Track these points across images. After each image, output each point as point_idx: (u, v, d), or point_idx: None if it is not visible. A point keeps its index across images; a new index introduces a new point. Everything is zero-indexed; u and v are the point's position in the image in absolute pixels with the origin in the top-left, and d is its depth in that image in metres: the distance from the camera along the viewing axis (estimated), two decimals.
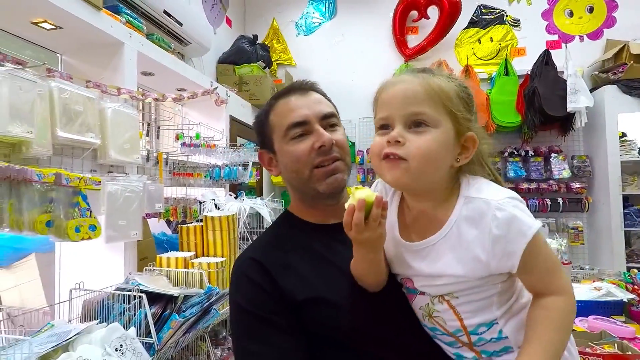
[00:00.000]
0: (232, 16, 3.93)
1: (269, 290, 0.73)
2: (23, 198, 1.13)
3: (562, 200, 3.29)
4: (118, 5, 1.84)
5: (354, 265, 0.72)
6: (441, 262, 0.66)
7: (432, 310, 0.69)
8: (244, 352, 0.72)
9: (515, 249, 0.60)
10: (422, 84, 0.64)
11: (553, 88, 3.18)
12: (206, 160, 2.32)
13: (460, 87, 0.68)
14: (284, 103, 0.82)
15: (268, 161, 0.87)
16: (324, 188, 0.79)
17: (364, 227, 0.62)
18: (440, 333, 0.71)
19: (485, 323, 0.66)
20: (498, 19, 3.73)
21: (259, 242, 0.86)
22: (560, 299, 0.62)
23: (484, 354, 0.69)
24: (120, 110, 1.56)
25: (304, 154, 0.78)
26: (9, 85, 1.14)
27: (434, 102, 0.63)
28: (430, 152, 0.62)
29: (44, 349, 1.02)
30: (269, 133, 0.84)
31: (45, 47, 1.70)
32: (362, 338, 0.71)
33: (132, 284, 1.39)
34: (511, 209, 0.61)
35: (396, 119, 0.64)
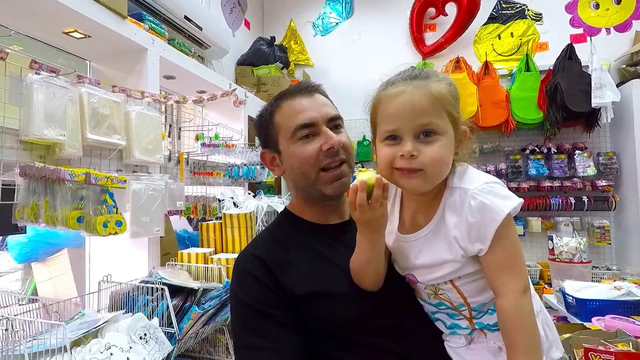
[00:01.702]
0: (250, 18, 4.01)
1: (270, 285, 0.76)
2: (57, 196, 1.22)
3: (587, 198, 3.18)
4: (141, 13, 1.94)
5: (356, 254, 0.75)
6: (434, 250, 0.71)
7: (438, 288, 0.74)
8: (244, 344, 0.74)
9: (487, 234, 0.65)
10: (425, 94, 0.67)
11: (577, 83, 3.08)
12: (225, 160, 2.39)
13: (450, 86, 0.71)
14: (289, 104, 0.84)
15: (270, 161, 0.89)
16: (330, 191, 0.81)
17: (367, 207, 0.66)
18: (445, 307, 0.76)
19: (485, 302, 0.72)
20: (519, 14, 3.64)
21: (260, 239, 0.89)
22: (504, 300, 0.66)
23: (478, 325, 0.74)
24: (144, 112, 1.64)
25: (312, 155, 0.80)
26: (44, 91, 1.23)
27: (438, 110, 0.67)
28: (442, 158, 0.67)
29: (76, 335, 1.10)
30: (273, 133, 0.85)
31: (75, 54, 1.81)
32: (362, 330, 0.74)
33: (156, 278, 1.46)
34: (483, 197, 0.66)
35: (406, 131, 0.67)
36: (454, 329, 0.77)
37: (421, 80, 0.69)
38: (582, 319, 1.46)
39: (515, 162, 3.37)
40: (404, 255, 0.75)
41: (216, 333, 1.70)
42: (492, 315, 0.72)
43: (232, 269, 0.83)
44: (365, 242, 0.72)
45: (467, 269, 0.70)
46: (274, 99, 0.88)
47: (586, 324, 1.37)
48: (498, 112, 3.23)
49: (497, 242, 0.65)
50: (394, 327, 0.76)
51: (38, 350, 1.03)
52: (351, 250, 0.78)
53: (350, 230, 0.84)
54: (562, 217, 3.29)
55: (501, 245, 0.65)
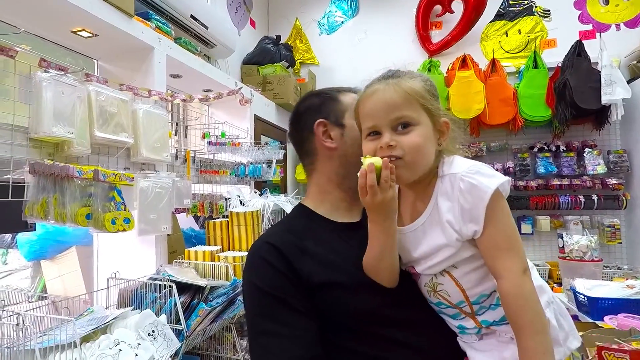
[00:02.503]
0: (256, 18, 4.02)
1: (286, 273, 0.76)
2: (66, 193, 1.22)
3: (597, 197, 3.14)
4: (148, 12, 1.95)
5: (369, 248, 0.75)
6: (430, 237, 0.73)
7: (436, 284, 0.75)
8: (260, 331, 0.74)
9: (478, 213, 0.67)
10: (396, 90, 0.73)
11: (586, 80, 3.04)
12: (231, 158, 2.39)
13: (426, 82, 0.76)
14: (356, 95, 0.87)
15: (324, 133, 0.87)
16: None
17: (377, 189, 0.67)
18: (445, 306, 0.76)
19: (485, 293, 0.73)
20: (527, 11, 3.61)
21: (275, 229, 0.90)
22: (504, 282, 0.67)
23: (484, 323, 0.74)
24: (151, 111, 1.65)
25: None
26: (53, 89, 1.24)
27: (410, 103, 0.72)
28: (419, 145, 0.71)
29: (85, 331, 1.11)
30: (339, 108, 0.88)
31: (83, 54, 1.82)
32: (377, 321, 0.74)
33: (163, 275, 1.47)
34: (470, 177, 0.69)
35: (383, 125, 0.73)
36: (463, 330, 0.77)
37: (393, 78, 0.75)
38: (594, 318, 1.44)
39: (523, 160, 3.34)
40: (404, 248, 0.77)
41: (223, 331, 1.70)
42: (494, 311, 0.72)
43: (246, 258, 0.84)
44: (378, 230, 0.73)
45: (463, 254, 0.71)
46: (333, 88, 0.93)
47: (598, 322, 1.35)
48: (505, 110, 3.20)
49: (490, 222, 0.67)
50: (409, 320, 0.76)
51: (48, 346, 1.04)
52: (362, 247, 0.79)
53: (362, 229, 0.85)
54: (572, 215, 3.25)
55: (495, 226, 0.67)
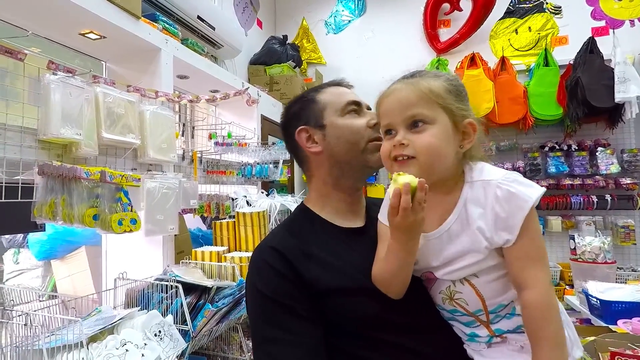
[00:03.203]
0: (262, 18, 4.02)
1: (291, 278, 0.75)
2: (73, 193, 1.23)
3: (611, 197, 3.07)
4: (155, 14, 1.96)
5: (387, 263, 0.72)
6: (456, 243, 0.71)
7: (454, 292, 0.73)
8: (264, 338, 0.73)
9: (514, 224, 0.66)
10: (413, 89, 0.72)
11: (598, 78, 2.97)
12: (238, 159, 2.40)
13: (448, 82, 0.74)
14: (335, 89, 0.91)
15: (307, 138, 0.88)
16: (374, 160, 0.84)
17: (410, 211, 0.64)
18: (460, 314, 0.74)
19: (504, 303, 0.71)
20: (537, 7, 3.54)
21: (277, 232, 0.88)
22: (531, 292, 0.66)
23: (497, 331, 0.72)
24: (158, 112, 1.66)
25: (362, 127, 0.85)
26: (61, 91, 1.25)
27: (426, 102, 0.70)
28: (433, 145, 0.69)
29: (92, 331, 1.12)
30: (317, 108, 0.88)
31: (91, 55, 1.84)
32: (384, 327, 0.73)
33: (170, 275, 1.47)
34: (509, 185, 0.67)
35: (397, 124, 0.72)
36: (473, 338, 0.75)
37: (413, 78, 0.74)
38: (607, 322, 1.40)
39: (533, 160, 3.28)
40: (425, 254, 0.74)
41: (230, 331, 1.70)
42: (510, 320, 0.71)
43: (249, 263, 0.83)
44: (401, 249, 0.69)
45: (488, 262, 0.69)
46: (312, 88, 0.93)
47: (611, 326, 1.32)
48: (515, 109, 3.15)
49: (525, 232, 0.65)
50: (415, 326, 0.75)
51: (56, 346, 1.05)
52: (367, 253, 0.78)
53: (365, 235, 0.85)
54: (584, 216, 3.19)
55: (529, 236, 0.66)
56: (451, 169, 0.72)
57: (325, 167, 0.87)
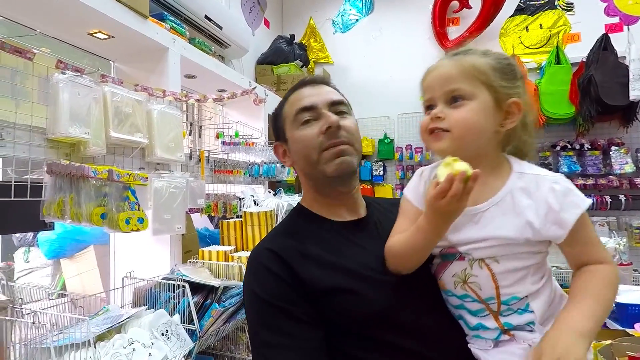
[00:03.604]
0: (270, 17, 4.02)
1: (288, 280, 0.73)
2: (81, 192, 1.24)
3: (625, 197, 3.00)
4: (163, 13, 1.96)
5: (412, 237, 0.71)
6: (491, 226, 0.69)
7: (469, 275, 0.71)
8: (262, 342, 0.72)
9: (568, 219, 0.66)
10: (455, 65, 0.72)
11: (612, 75, 2.91)
12: (245, 158, 2.40)
13: (496, 60, 0.73)
14: (296, 94, 0.87)
15: (282, 153, 0.90)
16: (332, 169, 0.80)
17: (455, 199, 0.63)
18: (470, 300, 0.72)
19: (518, 296, 0.69)
20: (548, 4, 3.48)
21: (273, 233, 0.87)
22: (606, 266, 0.68)
23: (506, 325, 0.70)
24: (166, 111, 1.66)
25: (313, 137, 0.81)
26: (70, 91, 1.25)
27: (467, 78, 0.71)
28: (468, 119, 0.69)
29: (100, 330, 1.12)
30: (281, 124, 0.88)
31: (99, 55, 1.85)
32: (386, 327, 0.71)
33: (177, 275, 1.47)
34: (566, 183, 0.69)
35: (437, 98, 0.73)
36: (479, 331, 0.72)
37: (460, 55, 0.74)
38: (624, 325, 1.36)
39: (545, 159, 3.22)
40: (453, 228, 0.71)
41: (237, 331, 1.70)
42: (521, 316, 0.69)
43: (246, 266, 0.81)
44: (432, 231, 0.68)
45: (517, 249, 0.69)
46: (287, 94, 0.91)
47: (628, 330, 1.28)
48: None
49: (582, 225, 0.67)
50: (419, 325, 0.72)
51: (64, 344, 1.05)
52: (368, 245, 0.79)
53: (373, 223, 0.86)
54: (597, 217, 3.12)
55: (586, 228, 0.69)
56: (487, 147, 0.72)
57: (302, 177, 0.89)
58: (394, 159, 3.70)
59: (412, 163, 3.69)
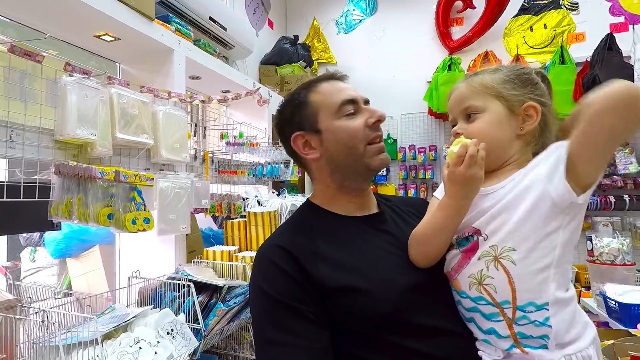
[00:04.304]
0: (273, 18, 4.04)
1: (297, 278, 0.72)
2: (89, 193, 1.26)
3: (629, 197, 2.99)
4: (168, 15, 1.98)
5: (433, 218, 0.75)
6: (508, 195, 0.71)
7: (485, 277, 0.71)
8: (268, 340, 0.71)
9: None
10: (466, 86, 0.81)
11: (617, 75, 2.85)
12: (249, 159, 2.41)
13: (507, 73, 0.79)
14: (327, 85, 0.85)
15: (303, 145, 0.84)
16: (376, 163, 0.82)
17: (474, 161, 0.69)
18: (484, 303, 0.71)
19: (536, 303, 0.67)
20: (553, 4, 3.47)
21: (283, 230, 0.86)
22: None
23: (519, 335, 0.68)
24: (171, 112, 1.67)
25: (360, 129, 0.81)
26: (77, 92, 1.27)
27: (476, 94, 0.78)
28: (483, 129, 0.75)
29: (106, 328, 1.13)
30: (310, 112, 0.83)
31: (106, 57, 1.87)
32: (394, 328, 0.70)
33: (182, 274, 1.49)
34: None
35: (457, 117, 0.81)
36: (490, 335, 0.71)
37: (471, 76, 0.81)
38: (627, 325, 1.36)
39: None
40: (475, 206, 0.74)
41: (241, 330, 1.71)
42: (538, 328, 0.66)
43: (253, 261, 0.80)
44: (453, 206, 0.72)
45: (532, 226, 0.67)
46: (304, 85, 0.87)
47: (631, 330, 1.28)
48: None
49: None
50: (430, 328, 0.71)
51: (72, 342, 1.06)
52: (381, 241, 0.79)
53: (387, 220, 0.86)
54: (601, 217, 3.11)
55: None
56: (509, 152, 0.76)
57: (327, 171, 0.84)
58: (397, 159, 3.71)
59: (415, 163, 3.69)
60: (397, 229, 0.84)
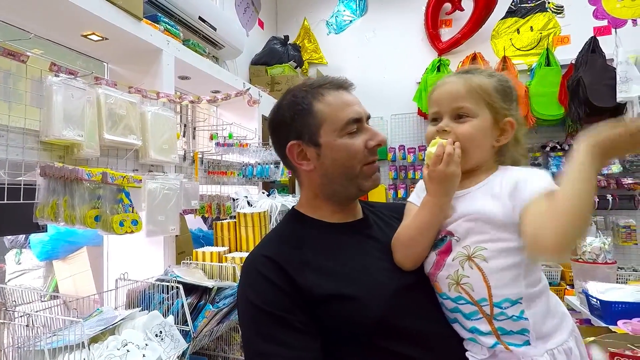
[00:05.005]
0: (264, 18, 4.03)
1: (285, 288, 0.71)
2: (75, 195, 1.24)
3: (612, 197, 3.07)
4: (157, 15, 1.96)
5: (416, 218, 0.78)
6: (474, 203, 0.76)
7: (461, 277, 0.73)
8: (257, 352, 0.70)
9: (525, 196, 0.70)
10: (464, 84, 0.78)
11: (600, 77, 2.97)
12: (239, 159, 2.40)
13: (499, 82, 0.80)
14: (336, 95, 0.81)
15: (298, 154, 0.81)
16: (369, 185, 0.83)
17: (452, 160, 0.73)
18: (463, 302, 0.74)
19: (510, 298, 0.70)
20: (539, 7, 3.54)
21: (268, 239, 0.85)
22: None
23: (500, 331, 0.71)
24: (159, 113, 1.66)
25: (360, 150, 0.80)
26: (63, 93, 1.26)
27: (473, 97, 0.78)
28: (472, 134, 0.77)
29: (94, 331, 1.12)
30: (314, 123, 0.79)
31: (93, 57, 1.85)
32: (383, 333, 0.70)
33: (171, 276, 1.48)
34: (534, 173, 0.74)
35: (444, 112, 0.79)
36: (474, 335, 0.73)
37: (467, 74, 0.80)
38: (607, 322, 1.40)
39: (535, 160, 3.28)
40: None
41: (230, 331, 1.71)
42: (515, 322, 0.69)
43: (240, 272, 0.79)
44: (434, 203, 0.76)
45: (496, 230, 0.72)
46: (309, 87, 0.83)
47: (611, 327, 1.32)
48: None
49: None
50: (418, 333, 0.72)
51: (57, 346, 1.05)
52: (367, 246, 0.80)
53: (372, 225, 0.87)
54: None
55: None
56: (484, 159, 0.79)
57: (317, 183, 0.83)
58: (387, 159, 3.73)
59: (405, 163, 3.73)
60: (382, 233, 0.85)
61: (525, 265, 0.71)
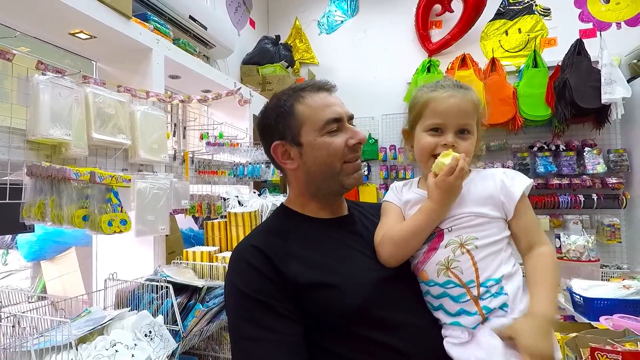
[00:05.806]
0: (255, 18, 4.02)
1: (270, 276, 0.75)
2: (63, 194, 1.23)
3: (597, 196, 3.13)
4: (146, 13, 1.95)
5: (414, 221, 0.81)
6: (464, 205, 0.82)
7: (452, 261, 0.79)
8: (243, 336, 0.73)
9: (516, 191, 0.80)
10: (470, 101, 0.84)
11: (586, 79, 3.03)
12: (230, 159, 2.40)
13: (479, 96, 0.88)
14: (315, 97, 0.85)
15: (282, 154, 0.86)
16: (350, 182, 0.86)
17: (462, 175, 0.78)
18: (452, 285, 0.79)
19: (495, 278, 0.78)
20: (527, 9, 3.59)
21: (257, 231, 0.89)
22: (547, 247, 0.81)
23: (485, 309, 0.76)
24: (149, 112, 1.65)
25: (340, 148, 0.83)
26: (50, 92, 1.25)
27: (474, 114, 0.85)
28: (470, 152, 0.84)
29: (82, 332, 1.12)
30: (295, 124, 0.84)
31: (81, 55, 1.83)
32: (362, 321, 0.74)
33: (161, 276, 1.47)
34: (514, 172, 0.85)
35: (450, 127, 0.83)
36: (460, 317, 0.77)
37: (465, 90, 0.86)
38: (590, 318, 1.44)
39: (522, 160, 3.34)
40: None
41: (221, 331, 1.71)
42: (497, 298, 0.76)
43: (228, 262, 0.82)
44: (435, 210, 0.80)
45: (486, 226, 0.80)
46: (291, 91, 0.87)
47: (594, 323, 1.35)
48: (505, 109, 3.19)
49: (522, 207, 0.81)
50: (395, 322, 0.75)
51: (44, 347, 1.05)
52: (350, 241, 0.83)
53: (356, 222, 0.91)
54: (571, 215, 3.24)
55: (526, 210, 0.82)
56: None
57: (302, 181, 0.87)
58: (378, 159, 3.76)
59: (395, 163, 3.75)
60: (365, 230, 0.89)
61: (504, 251, 0.80)
